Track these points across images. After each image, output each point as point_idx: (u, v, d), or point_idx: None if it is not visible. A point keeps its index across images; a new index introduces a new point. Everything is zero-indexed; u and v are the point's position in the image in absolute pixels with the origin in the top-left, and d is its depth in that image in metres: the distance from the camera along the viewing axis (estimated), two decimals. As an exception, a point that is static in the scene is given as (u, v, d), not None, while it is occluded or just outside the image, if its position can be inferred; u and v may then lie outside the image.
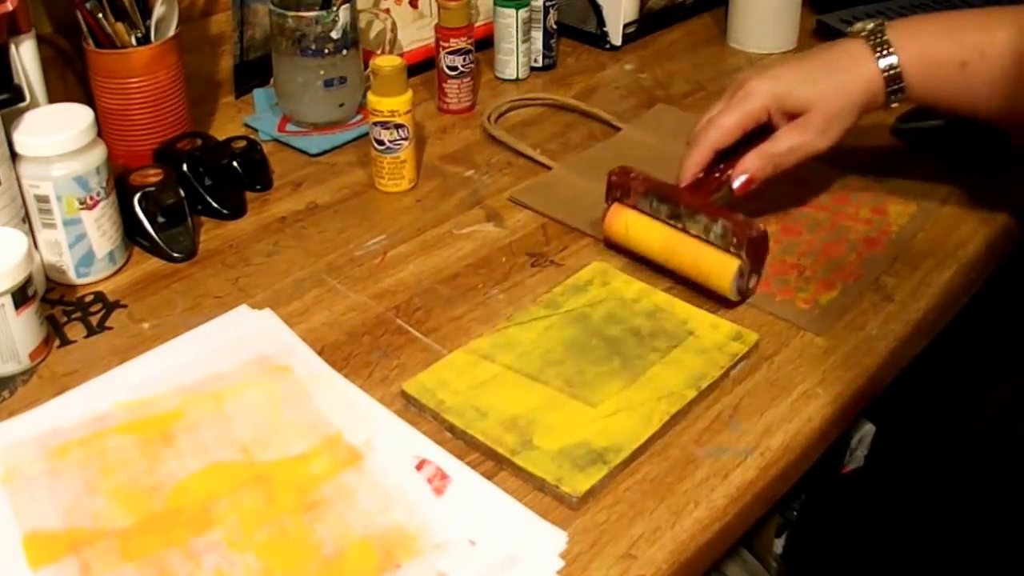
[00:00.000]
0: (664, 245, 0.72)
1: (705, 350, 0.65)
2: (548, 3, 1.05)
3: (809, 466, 0.62)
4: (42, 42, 0.79)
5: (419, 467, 0.57)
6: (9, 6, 0.71)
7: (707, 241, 0.70)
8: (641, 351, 0.65)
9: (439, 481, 0.56)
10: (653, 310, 0.69)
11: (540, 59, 1.08)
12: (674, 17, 1.20)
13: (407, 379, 0.63)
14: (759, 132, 0.75)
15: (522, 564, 0.51)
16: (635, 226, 0.74)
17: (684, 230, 0.71)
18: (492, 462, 0.58)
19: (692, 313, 0.69)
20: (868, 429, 0.97)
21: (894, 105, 0.75)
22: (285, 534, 0.53)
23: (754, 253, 0.69)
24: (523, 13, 1.03)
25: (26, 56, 0.75)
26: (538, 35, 1.07)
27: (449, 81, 0.98)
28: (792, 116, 0.74)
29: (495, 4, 1.03)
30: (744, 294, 0.70)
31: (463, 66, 0.98)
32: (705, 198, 0.73)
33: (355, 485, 0.56)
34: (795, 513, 0.88)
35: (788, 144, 0.73)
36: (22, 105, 0.73)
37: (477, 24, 1.05)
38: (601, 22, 1.13)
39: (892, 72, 0.73)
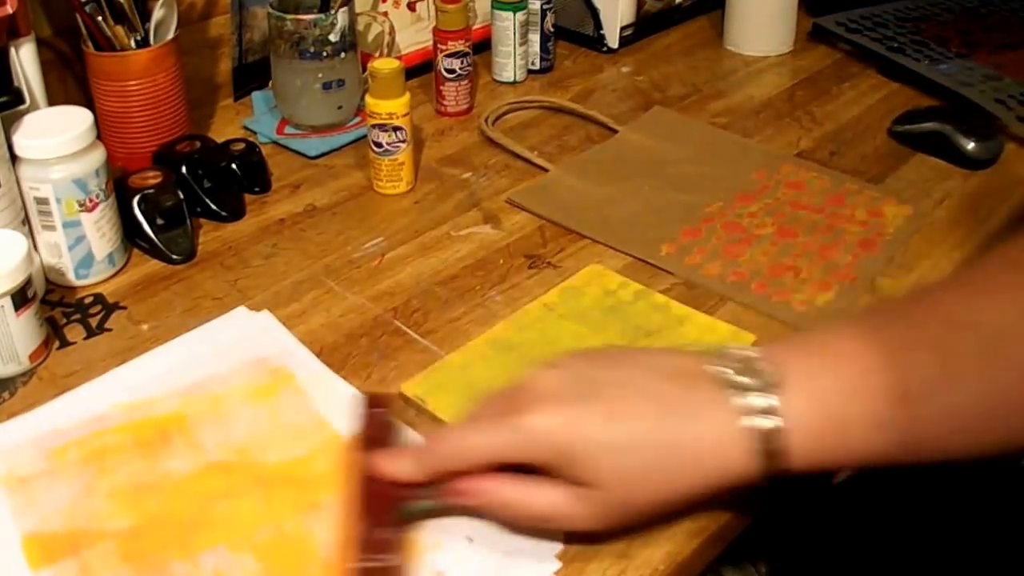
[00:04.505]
0: None
1: (702, 351, 0.66)
2: (545, 6, 1.05)
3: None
4: (42, 45, 0.79)
5: (417, 468, 0.57)
6: (9, 9, 0.72)
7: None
8: (638, 352, 0.65)
9: (437, 482, 0.56)
10: (650, 311, 0.69)
11: (537, 62, 1.09)
12: (670, 20, 1.21)
13: (405, 380, 0.63)
14: None
15: (519, 563, 0.51)
16: None
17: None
18: (490, 463, 0.58)
19: (689, 314, 0.69)
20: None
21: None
22: (284, 536, 0.53)
23: None
24: (520, 16, 1.03)
25: (26, 59, 0.75)
26: (535, 38, 1.07)
27: (447, 84, 0.99)
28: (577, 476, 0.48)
29: (493, 7, 1.04)
30: None
31: (461, 69, 0.98)
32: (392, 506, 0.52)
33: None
34: (789, 516, 0.88)
35: (545, 511, 0.49)
36: (22, 108, 0.74)
37: (475, 27, 1.06)
38: (598, 25, 1.14)
39: (769, 445, 0.45)
